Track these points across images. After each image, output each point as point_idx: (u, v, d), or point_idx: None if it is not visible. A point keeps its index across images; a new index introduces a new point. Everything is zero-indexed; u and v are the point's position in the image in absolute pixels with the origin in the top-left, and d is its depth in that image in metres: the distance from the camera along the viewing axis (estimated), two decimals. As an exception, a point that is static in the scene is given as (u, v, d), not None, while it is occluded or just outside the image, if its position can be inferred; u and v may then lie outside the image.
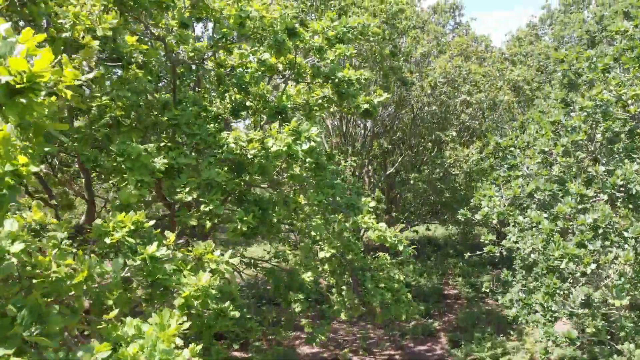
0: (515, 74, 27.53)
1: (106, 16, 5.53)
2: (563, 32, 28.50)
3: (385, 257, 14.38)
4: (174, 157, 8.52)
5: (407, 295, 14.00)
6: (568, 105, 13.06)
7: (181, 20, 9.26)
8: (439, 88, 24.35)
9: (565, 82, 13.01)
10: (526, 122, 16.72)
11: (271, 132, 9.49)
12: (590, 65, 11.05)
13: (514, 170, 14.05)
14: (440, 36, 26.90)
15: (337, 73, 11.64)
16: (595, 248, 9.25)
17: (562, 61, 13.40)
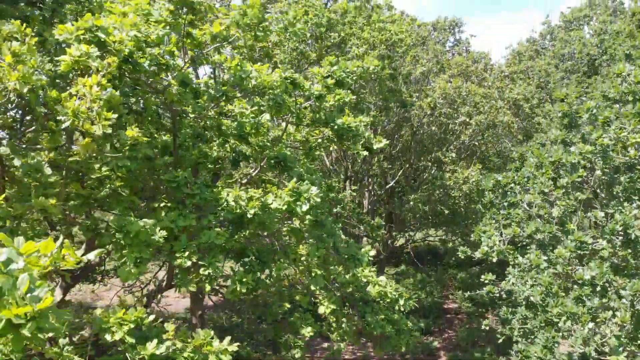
0: (515, 93, 27.54)
1: (106, 113, 5.55)
2: (563, 50, 28.49)
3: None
4: (173, 220, 8.56)
5: (408, 324, 13.97)
6: (568, 145, 13.08)
7: (181, 79, 9.28)
8: (438, 109, 24.37)
9: (566, 122, 13.02)
10: (526, 154, 16.73)
11: (271, 189, 9.52)
12: (590, 117, 11.05)
13: (513, 208, 14.08)
14: (440, 55, 26.90)
15: (337, 120, 11.66)
16: (593, 305, 9.27)
17: (562, 100, 13.41)
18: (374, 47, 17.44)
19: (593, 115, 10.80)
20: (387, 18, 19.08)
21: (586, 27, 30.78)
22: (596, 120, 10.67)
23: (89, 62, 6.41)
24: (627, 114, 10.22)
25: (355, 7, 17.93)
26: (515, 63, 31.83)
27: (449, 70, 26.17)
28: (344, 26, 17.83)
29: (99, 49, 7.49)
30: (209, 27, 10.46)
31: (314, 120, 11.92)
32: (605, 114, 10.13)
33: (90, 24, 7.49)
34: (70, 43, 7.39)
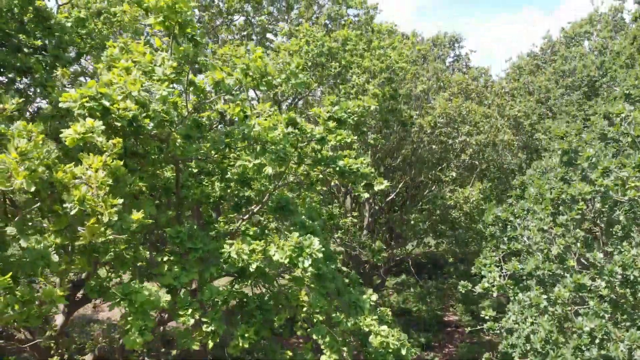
0: (515, 110, 27.60)
1: (112, 200, 5.63)
2: (564, 67, 28.52)
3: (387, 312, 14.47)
4: (177, 276, 8.64)
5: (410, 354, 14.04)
6: (567, 182, 13.16)
7: (185, 133, 9.35)
8: (438, 128, 24.43)
9: (565, 159, 13.10)
10: (526, 182, 16.83)
11: (274, 239, 9.61)
12: (590, 165, 11.13)
13: (513, 243, 14.17)
14: (440, 72, 26.98)
15: (338, 162, 11.74)
16: (592, 356, 9.36)
17: (562, 138, 13.49)
18: (374, 75, 17.50)
19: (593, 164, 10.86)
20: (388, 44, 19.13)
21: (587, 42, 30.82)
22: (595, 167, 10.74)
23: (94, 137, 6.49)
24: (625, 161, 10.28)
25: (356, 36, 17.98)
26: (515, 78, 31.90)
27: (449, 89, 26.24)
28: (344, 53, 17.89)
29: (103, 116, 7.58)
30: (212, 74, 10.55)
31: (316, 160, 12.00)
32: (605, 164, 10.20)
33: (94, 92, 7.57)
34: (75, 111, 7.47)
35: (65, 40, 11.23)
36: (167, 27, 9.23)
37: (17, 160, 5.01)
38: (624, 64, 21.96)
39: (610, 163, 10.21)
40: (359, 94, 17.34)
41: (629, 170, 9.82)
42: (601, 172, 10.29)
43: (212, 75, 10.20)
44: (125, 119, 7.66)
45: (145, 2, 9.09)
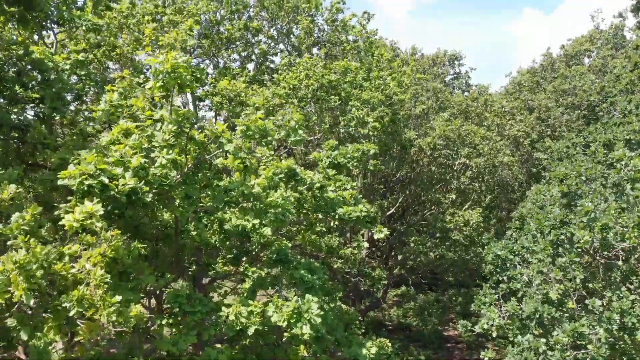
0: (515, 129, 27.59)
1: (110, 299, 5.63)
2: (564, 86, 28.50)
3: (387, 345, 14.48)
4: (176, 342, 8.64)
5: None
6: (567, 225, 13.15)
7: (184, 194, 9.35)
8: (438, 150, 24.43)
9: (565, 202, 13.09)
10: (526, 216, 16.84)
11: (273, 299, 9.62)
12: (589, 222, 11.13)
13: (513, 282, 14.17)
14: (440, 93, 26.98)
15: (338, 209, 11.74)
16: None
17: (562, 181, 13.48)
18: (373, 108, 17.50)
19: (592, 220, 10.87)
20: (387, 74, 19.11)
21: (587, 59, 30.81)
22: (594, 223, 10.74)
23: (94, 223, 6.49)
24: (625, 219, 10.28)
25: (355, 68, 17.97)
26: (516, 97, 31.87)
27: (449, 109, 26.24)
28: (344, 84, 17.88)
29: (101, 193, 7.57)
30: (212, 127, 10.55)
31: (315, 207, 12.00)
32: (604, 220, 10.20)
33: (92, 169, 7.56)
34: (73, 188, 7.47)
35: (64, 89, 11.22)
36: (166, 90, 9.23)
37: (16, 272, 5.01)
38: (624, 88, 21.94)
39: (610, 220, 10.20)
40: (358, 126, 17.34)
41: (629, 227, 9.82)
42: (600, 228, 10.29)
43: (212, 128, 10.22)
44: (124, 193, 7.66)
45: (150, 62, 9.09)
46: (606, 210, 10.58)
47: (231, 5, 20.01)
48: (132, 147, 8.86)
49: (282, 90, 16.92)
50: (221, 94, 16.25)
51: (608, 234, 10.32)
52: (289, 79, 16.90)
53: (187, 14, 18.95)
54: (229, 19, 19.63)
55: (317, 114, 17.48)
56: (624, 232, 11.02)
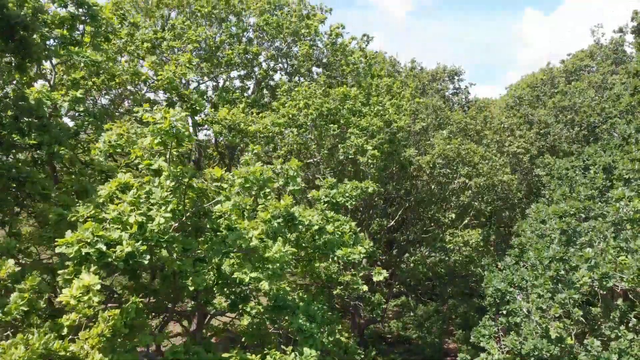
0: (515, 146, 27.56)
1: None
2: (563, 103, 28.46)
3: None
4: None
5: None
6: (566, 262, 13.14)
7: (181, 248, 9.33)
8: (437, 169, 24.40)
9: (564, 239, 13.08)
10: (526, 244, 16.84)
11: (271, 351, 9.60)
12: (589, 267, 11.11)
13: (512, 316, 14.16)
14: (439, 110, 26.95)
15: (336, 251, 11.72)
16: None
17: (561, 217, 13.46)
18: (372, 135, 17.48)
19: (591, 267, 10.86)
20: (386, 101, 19.08)
21: (587, 73, 30.75)
22: (594, 270, 10.73)
23: (91, 298, 6.48)
24: (625, 264, 10.27)
25: (354, 95, 17.95)
26: (515, 112, 31.81)
27: (449, 127, 26.19)
28: (343, 109, 17.85)
29: (99, 260, 7.56)
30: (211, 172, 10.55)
31: (314, 247, 11.99)
32: (603, 269, 10.19)
33: (90, 236, 7.55)
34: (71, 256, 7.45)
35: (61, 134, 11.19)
36: (164, 145, 9.22)
37: None
38: (624, 109, 21.92)
39: (610, 269, 10.19)
40: (357, 154, 17.32)
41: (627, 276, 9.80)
42: (600, 277, 10.28)
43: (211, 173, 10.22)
44: (121, 259, 7.65)
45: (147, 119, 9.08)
46: (604, 253, 10.55)
47: (230, 29, 19.97)
48: (130, 203, 8.84)
49: (282, 119, 16.90)
50: (221, 123, 16.22)
51: (608, 283, 10.30)
52: (288, 109, 16.89)
53: (186, 39, 18.94)
54: (229, 43, 19.60)
55: (316, 140, 17.45)
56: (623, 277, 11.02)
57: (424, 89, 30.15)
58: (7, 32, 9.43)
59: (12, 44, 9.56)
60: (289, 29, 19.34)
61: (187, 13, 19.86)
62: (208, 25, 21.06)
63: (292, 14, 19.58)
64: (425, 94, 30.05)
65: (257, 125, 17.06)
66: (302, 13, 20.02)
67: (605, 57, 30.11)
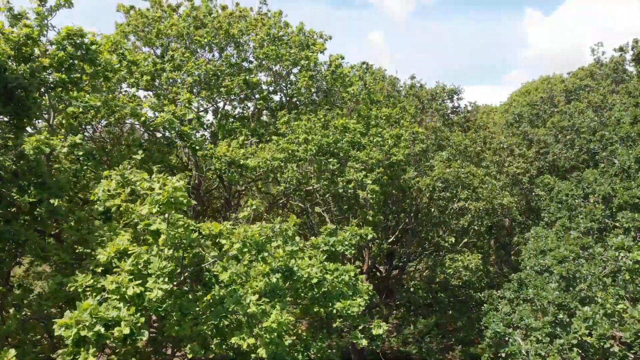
0: (514, 167, 27.57)
1: None
2: (563, 122, 28.45)
3: None
4: None
5: None
6: (564, 308, 13.15)
7: (179, 312, 9.34)
8: (437, 193, 24.41)
9: (563, 285, 13.09)
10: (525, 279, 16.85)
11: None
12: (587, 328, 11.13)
13: (512, 358, 14.18)
14: (439, 131, 26.96)
15: (335, 304, 11.73)
16: None
17: (561, 262, 13.47)
18: (372, 169, 17.47)
19: (589, 326, 10.87)
20: (387, 133, 19.07)
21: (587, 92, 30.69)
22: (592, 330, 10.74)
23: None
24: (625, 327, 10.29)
25: (354, 129, 17.95)
26: (516, 127, 31.82)
27: (448, 148, 26.18)
28: (342, 143, 17.85)
29: (97, 342, 7.57)
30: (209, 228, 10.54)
31: (312, 300, 12.00)
32: (600, 330, 10.20)
33: (88, 318, 7.55)
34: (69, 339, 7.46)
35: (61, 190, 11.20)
36: (162, 213, 9.22)
37: None
38: (624, 136, 21.90)
39: (607, 330, 10.19)
40: (357, 188, 17.32)
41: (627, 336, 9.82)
42: (598, 337, 10.29)
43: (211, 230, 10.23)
44: (119, 340, 7.66)
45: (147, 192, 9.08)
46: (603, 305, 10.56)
47: (230, 59, 19.94)
48: (129, 272, 8.85)
49: (282, 155, 16.90)
50: (221, 160, 16.22)
51: (605, 344, 10.31)
52: (287, 145, 16.90)
53: (185, 70, 18.92)
54: (229, 73, 19.57)
55: (315, 173, 17.47)
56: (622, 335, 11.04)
57: (423, 107, 30.12)
58: (4, 95, 9.43)
59: (10, 105, 9.55)
60: (289, 60, 19.32)
61: (187, 42, 19.84)
62: (208, 52, 21.04)
63: (292, 45, 19.56)
64: (425, 113, 30.03)
65: (257, 159, 17.06)
66: (302, 41, 19.99)
67: (605, 76, 30.08)
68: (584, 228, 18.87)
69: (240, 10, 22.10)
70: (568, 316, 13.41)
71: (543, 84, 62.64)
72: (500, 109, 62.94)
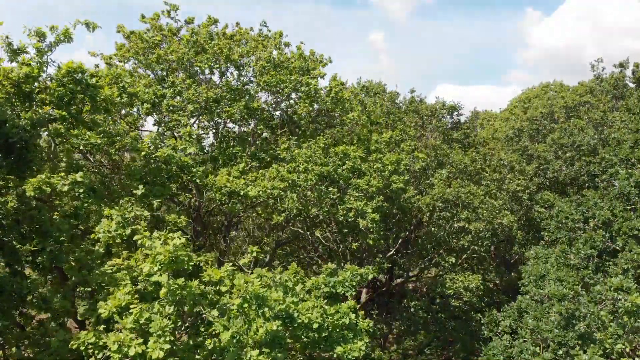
0: (514, 184, 27.60)
1: None
2: (563, 140, 28.47)
3: None
4: None
5: None
6: (563, 346, 13.20)
7: None
8: (437, 212, 24.45)
9: (563, 324, 13.14)
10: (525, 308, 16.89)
11: None
12: None
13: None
14: (438, 149, 26.99)
15: (336, 347, 11.77)
16: None
17: (560, 300, 13.51)
18: (372, 197, 17.50)
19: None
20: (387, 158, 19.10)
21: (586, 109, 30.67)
22: None
23: None
24: None
25: (354, 157, 17.98)
26: (515, 142, 31.84)
27: (448, 166, 26.22)
28: (342, 170, 17.88)
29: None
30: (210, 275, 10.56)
31: (312, 342, 12.02)
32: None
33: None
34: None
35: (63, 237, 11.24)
36: (164, 270, 9.25)
37: None
38: (624, 158, 21.93)
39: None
40: (356, 217, 17.36)
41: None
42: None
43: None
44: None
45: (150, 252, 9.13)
46: None
47: (231, 83, 19.94)
48: (130, 330, 8.89)
49: (282, 184, 16.93)
50: (221, 191, 16.24)
51: None
52: (288, 175, 16.92)
53: (185, 97, 18.92)
54: (230, 98, 19.56)
55: (315, 200, 17.50)
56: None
57: (423, 123, 30.13)
58: (5, 149, 9.45)
59: (11, 159, 9.58)
60: (289, 88, 19.33)
61: (187, 67, 19.83)
62: (209, 73, 21.00)
63: (292, 71, 19.54)
64: (425, 129, 30.04)
65: (257, 187, 17.06)
66: (302, 67, 19.97)
67: (605, 92, 30.09)
68: (584, 255, 18.91)
69: (241, 33, 22.09)
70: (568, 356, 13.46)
71: (543, 91, 62.60)
72: (501, 116, 62.99)
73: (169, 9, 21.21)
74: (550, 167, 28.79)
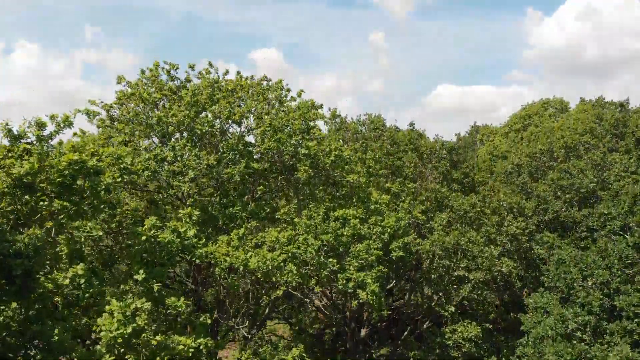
0: (514, 226, 27.68)
1: None
2: (562, 182, 28.52)
3: None
4: None
5: None
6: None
7: None
8: (436, 260, 24.58)
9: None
10: None
11: None
12: None
13: None
14: (438, 192, 27.11)
15: None
16: None
17: None
18: (372, 266, 17.61)
19: None
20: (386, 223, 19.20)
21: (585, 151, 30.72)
22: None
23: None
24: None
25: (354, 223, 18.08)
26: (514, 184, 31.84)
27: (447, 210, 26.31)
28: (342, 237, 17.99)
29: None
30: None
31: None
32: None
33: None
34: None
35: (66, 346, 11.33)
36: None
37: None
38: (622, 213, 22.03)
39: None
40: (356, 287, 17.48)
41: None
42: None
43: None
44: None
45: None
46: None
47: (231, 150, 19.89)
48: None
49: (283, 256, 17.03)
50: (222, 267, 16.34)
51: None
52: (288, 247, 17.03)
53: (186, 161, 18.97)
54: (230, 158, 19.60)
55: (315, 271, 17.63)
56: None
57: (423, 162, 30.21)
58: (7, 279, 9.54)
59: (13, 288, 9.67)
60: (289, 153, 19.42)
61: (187, 131, 19.88)
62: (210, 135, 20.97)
63: (293, 135, 19.60)
64: (425, 167, 30.12)
65: (257, 257, 17.13)
66: (302, 127, 20.04)
67: (605, 132, 30.14)
68: (582, 321, 19.04)
69: (242, 85, 22.12)
70: None
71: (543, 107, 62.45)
72: (501, 131, 62.95)
73: (169, 68, 21.26)
74: (550, 208, 28.84)
